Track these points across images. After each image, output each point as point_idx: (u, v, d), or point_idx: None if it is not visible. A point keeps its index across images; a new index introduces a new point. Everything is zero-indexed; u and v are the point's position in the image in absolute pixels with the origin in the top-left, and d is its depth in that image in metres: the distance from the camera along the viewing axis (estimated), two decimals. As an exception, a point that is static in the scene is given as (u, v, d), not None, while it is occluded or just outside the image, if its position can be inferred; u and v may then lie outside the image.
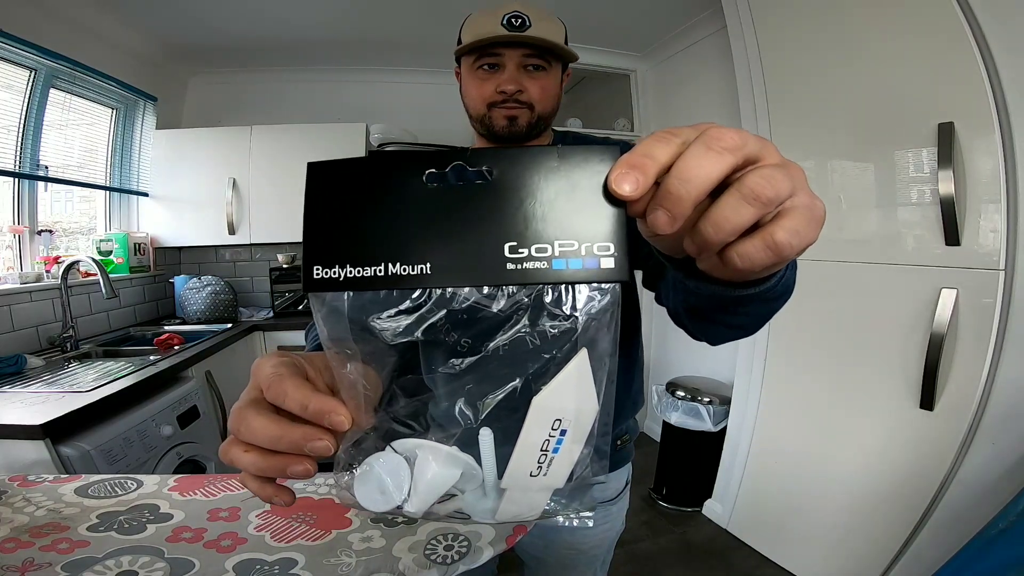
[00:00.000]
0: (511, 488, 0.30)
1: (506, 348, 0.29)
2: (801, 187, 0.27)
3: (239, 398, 0.34)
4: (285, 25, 2.39)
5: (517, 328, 0.28)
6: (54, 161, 2.06)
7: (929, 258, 1.37)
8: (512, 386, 0.29)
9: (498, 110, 0.75)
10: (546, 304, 0.26)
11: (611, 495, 0.86)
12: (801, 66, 1.68)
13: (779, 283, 0.39)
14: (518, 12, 0.71)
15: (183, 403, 1.60)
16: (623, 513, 0.91)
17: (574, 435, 0.28)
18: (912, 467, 1.41)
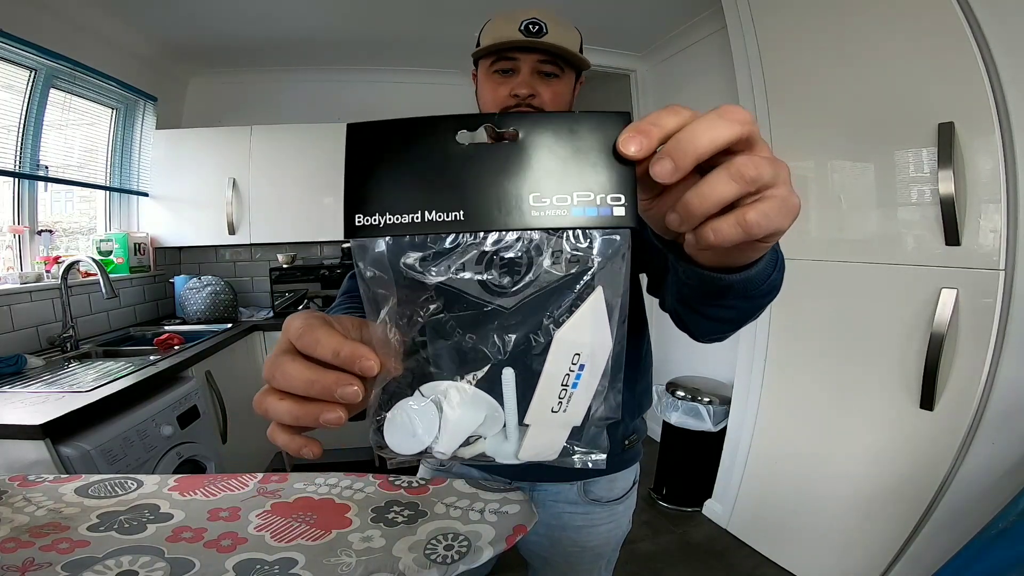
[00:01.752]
0: (533, 424, 0.32)
1: (528, 290, 0.31)
2: (783, 181, 0.29)
3: (271, 352, 0.35)
4: (285, 25, 2.39)
5: (538, 271, 0.30)
6: (54, 161, 2.06)
7: (929, 258, 1.37)
8: (534, 323, 0.31)
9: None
10: (565, 247, 0.29)
11: (618, 494, 0.86)
12: (801, 66, 1.68)
13: (763, 280, 0.42)
14: (536, 19, 0.73)
15: (183, 403, 1.60)
16: (630, 512, 0.91)
17: (591, 370, 0.30)
18: (912, 467, 1.41)
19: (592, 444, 0.35)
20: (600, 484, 0.83)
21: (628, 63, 2.91)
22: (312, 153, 2.61)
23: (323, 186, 2.62)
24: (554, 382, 0.30)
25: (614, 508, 0.86)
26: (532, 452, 0.34)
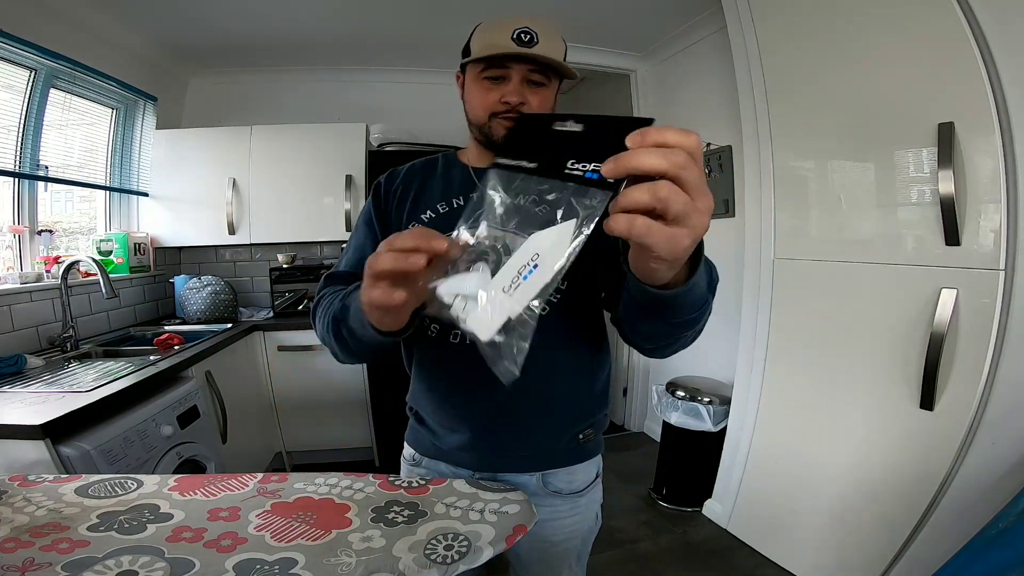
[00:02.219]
0: (487, 296, 0.42)
1: (545, 206, 0.43)
2: (689, 224, 0.39)
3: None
4: (285, 25, 2.39)
5: (558, 199, 0.42)
6: (54, 161, 2.06)
7: (929, 258, 1.37)
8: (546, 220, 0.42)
9: (499, 120, 0.79)
10: (573, 195, 0.41)
11: (578, 487, 0.88)
12: (801, 66, 1.68)
13: (689, 307, 0.54)
14: (528, 28, 0.76)
15: (183, 403, 1.60)
16: (595, 506, 0.93)
17: (541, 272, 0.40)
18: (912, 467, 1.41)
19: (512, 339, 0.43)
20: (559, 476, 0.86)
21: (628, 63, 2.91)
22: (312, 153, 2.61)
23: (323, 186, 2.62)
24: (513, 269, 0.41)
25: (576, 501, 0.88)
26: (475, 322, 0.42)
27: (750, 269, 1.97)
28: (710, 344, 2.55)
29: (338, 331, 0.68)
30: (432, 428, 0.87)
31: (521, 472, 0.84)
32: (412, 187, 0.87)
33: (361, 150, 2.63)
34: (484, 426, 0.81)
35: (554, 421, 0.83)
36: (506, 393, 0.66)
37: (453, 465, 0.87)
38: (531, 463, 0.84)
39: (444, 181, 0.87)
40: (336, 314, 0.68)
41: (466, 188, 0.85)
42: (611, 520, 2.13)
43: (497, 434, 0.82)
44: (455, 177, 0.87)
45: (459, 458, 0.86)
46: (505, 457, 0.83)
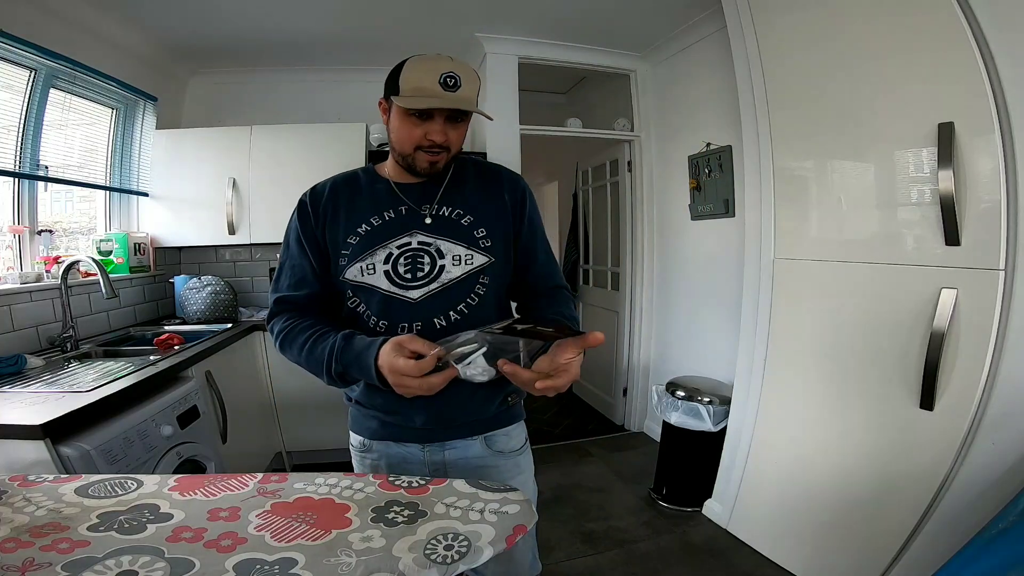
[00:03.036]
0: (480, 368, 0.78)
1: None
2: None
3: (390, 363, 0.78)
4: (285, 25, 2.39)
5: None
6: (54, 161, 2.06)
7: (929, 258, 1.37)
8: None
9: (423, 153, 0.89)
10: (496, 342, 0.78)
11: (515, 446, 1.02)
12: (801, 66, 1.68)
13: None
14: (452, 73, 0.84)
15: (183, 403, 1.60)
16: (531, 470, 1.06)
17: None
18: (912, 467, 1.41)
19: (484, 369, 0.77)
20: (498, 438, 0.99)
21: (628, 63, 2.91)
22: (312, 153, 2.61)
23: (323, 186, 2.62)
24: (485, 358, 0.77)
25: (516, 459, 1.02)
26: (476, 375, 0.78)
27: (750, 269, 1.97)
28: (710, 344, 2.56)
29: (342, 379, 0.88)
30: (380, 414, 0.96)
31: (466, 437, 0.97)
32: (341, 204, 0.95)
33: (361, 150, 2.63)
34: (433, 403, 0.90)
35: (487, 388, 0.93)
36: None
37: (403, 443, 0.97)
38: (473, 428, 0.97)
39: (371, 196, 0.95)
40: (337, 372, 0.86)
41: (393, 202, 0.94)
42: (611, 520, 2.13)
43: (444, 407, 0.92)
44: (381, 193, 0.95)
45: (410, 435, 0.96)
46: (451, 427, 0.96)
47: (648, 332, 3.08)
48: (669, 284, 2.92)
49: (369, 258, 0.90)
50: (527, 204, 1.00)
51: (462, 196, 0.95)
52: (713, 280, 2.53)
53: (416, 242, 0.91)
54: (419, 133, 0.87)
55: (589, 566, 1.84)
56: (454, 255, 0.91)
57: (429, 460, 0.97)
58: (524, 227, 0.99)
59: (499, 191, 0.98)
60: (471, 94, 0.86)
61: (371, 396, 0.95)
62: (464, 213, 0.93)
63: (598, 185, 3.44)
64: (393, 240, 0.91)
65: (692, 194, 2.60)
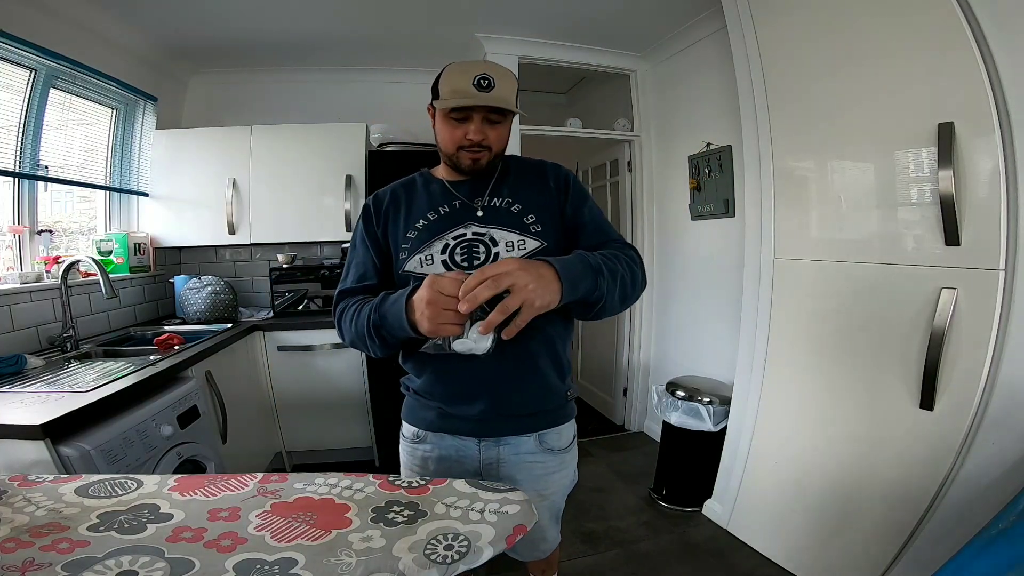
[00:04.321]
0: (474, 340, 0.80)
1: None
2: (516, 290, 0.76)
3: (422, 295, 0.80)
4: (285, 25, 2.39)
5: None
6: (54, 161, 2.06)
7: (929, 258, 1.36)
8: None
9: (465, 152, 0.95)
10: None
11: (564, 444, 1.06)
12: (801, 66, 1.68)
13: (587, 301, 0.87)
14: (486, 74, 0.90)
15: (183, 403, 1.60)
16: (575, 463, 1.11)
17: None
18: (912, 467, 1.41)
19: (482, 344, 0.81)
20: (550, 435, 1.03)
21: (628, 63, 2.91)
22: (312, 153, 2.61)
23: (323, 186, 2.62)
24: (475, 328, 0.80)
25: (563, 456, 1.06)
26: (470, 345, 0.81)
27: (750, 269, 1.97)
28: (710, 344, 2.56)
29: (378, 333, 0.89)
30: (440, 404, 0.99)
31: (521, 434, 1.00)
32: (400, 204, 1.02)
33: (361, 150, 2.63)
34: (497, 391, 0.95)
35: (554, 375, 1.00)
36: (512, 362, 0.94)
37: (459, 435, 1.00)
38: (531, 424, 1.01)
39: (427, 195, 1.02)
40: (375, 323, 0.88)
41: (447, 198, 1.00)
42: (611, 520, 2.13)
43: (508, 396, 0.96)
44: (436, 191, 1.02)
45: (467, 428, 0.99)
46: (509, 418, 0.98)
47: (648, 332, 3.08)
48: (669, 284, 2.92)
49: (427, 250, 0.95)
50: (571, 185, 1.04)
51: (510, 187, 1.01)
52: (713, 280, 2.53)
53: (471, 233, 0.96)
54: (459, 133, 0.93)
55: (589, 566, 1.84)
56: (507, 241, 0.95)
57: (483, 455, 1.00)
58: (568, 204, 1.02)
59: (544, 179, 1.03)
60: (505, 93, 0.91)
61: (432, 384, 0.99)
62: (513, 202, 0.98)
63: (598, 185, 3.44)
64: (449, 232, 0.96)
65: (692, 194, 2.60)
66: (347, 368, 2.48)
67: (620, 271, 0.88)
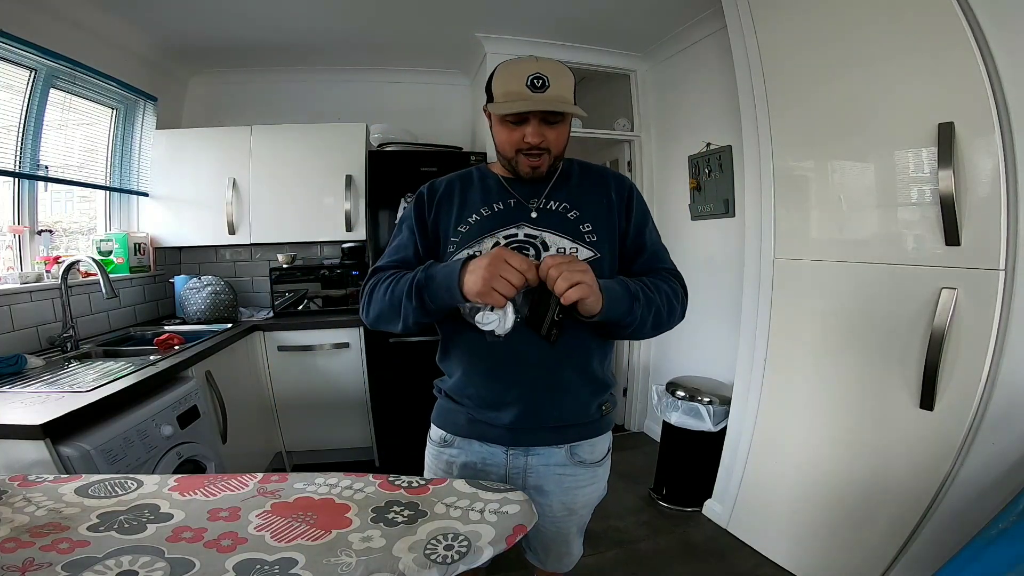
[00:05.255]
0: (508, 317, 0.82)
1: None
2: (588, 282, 0.79)
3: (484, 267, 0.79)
4: (285, 25, 2.39)
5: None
6: (54, 161, 2.06)
7: (929, 258, 1.37)
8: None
9: (524, 157, 0.91)
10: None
11: (598, 457, 1.01)
12: (801, 66, 1.68)
13: (620, 322, 0.86)
14: (540, 74, 0.85)
15: (183, 403, 1.60)
16: (606, 476, 1.05)
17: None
18: (912, 467, 1.41)
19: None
20: (583, 448, 0.99)
21: (628, 63, 2.91)
22: (312, 153, 2.61)
23: (323, 186, 2.62)
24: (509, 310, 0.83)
25: (595, 470, 1.01)
26: (503, 323, 0.83)
27: (750, 269, 1.97)
28: (710, 344, 2.56)
29: (419, 295, 0.86)
30: (471, 407, 0.97)
31: (552, 445, 0.96)
32: (455, 196, 0.99)
33: (361, 150, 2.63)
34: (530, 400, 0.92)
35: (587, 391, 0.96)
36: (549, 367, 0.91)
37: (488, 443, 0.97)
38: (562, 436, 0.97)
39: (483, 190, 0.98)
40: (420, 282, 0.86)
41: (503, 195, 0.96)
42: (611, 520, 2.13)
43: (540, 407, 0.93)
44: (492, 187, 0.98)
45: (496, 435, 0.96)
46: (540, 431, 0.95)
47: (648, 332, 3.08)
48: (669, 284, 2.92)
49: (477, 245, 0.92)
50: (634, 200, 1.00)
51: (569, 192, 0.97)
52: (713, 280, 2.53)
53: (523, 234, 0.93)
54: (517, 136, 0.89)
55: (589, 566, 1.84)
56: (559, 247, 0.92)
57: (511, 464, 0.97)
58: (632, 223, 0.99)
59: (606, 189, 0.99)
60: (562, 91, 0.87)
61: (465, 386, 0.96)
62: (570, 207, 0.95)
63: (598, 185, 3.44)
64: (500, 230, 0.93)
65: (692, 194, 2.60)
66: (347, 368, 2.48)
67: (657, 303, 0.89)
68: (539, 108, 0.85)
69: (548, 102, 0.85)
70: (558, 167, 0.98)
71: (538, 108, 0.85)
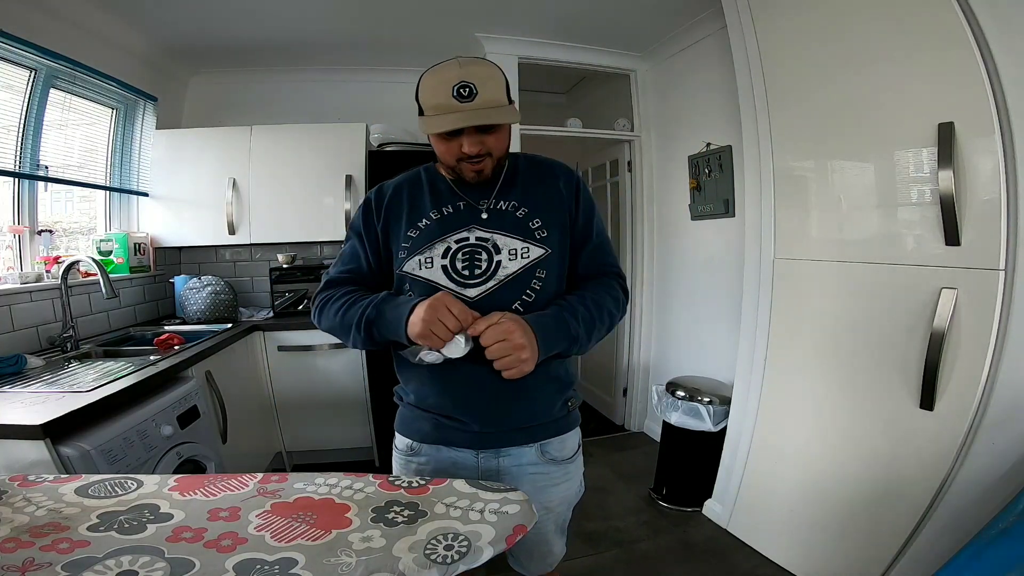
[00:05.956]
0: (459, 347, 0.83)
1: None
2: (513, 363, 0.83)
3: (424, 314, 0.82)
4: (285, 25, 2.39)
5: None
6: (54, 161, 2.06)
7: (929, 258, 1.36)
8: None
9: (466, 164, 0.89)
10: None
11: (568, 454, 1.01)
12: (801, 66, 1.68)
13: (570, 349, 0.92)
14: (466, 82, 0.81)
15: (183, 403, 1.60)
16: (580, 472, 1.06)
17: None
18: (912, 467, 1.41)
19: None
20: (553, 445, 0.99)
21: (628, 63, 2.91)
22: (312, 153, 2.61)
23: (323, 186, 2.62)
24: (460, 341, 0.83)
25: (567, 467, 1.01)
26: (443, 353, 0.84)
27: (750, 269, 1.97)
28: (710, 344, 2.56)
29: (368, 327, 0.89)
30: (437, 416, 0.96)
31: (522, 445, 0.96)
32: (403, 200, 0.98)
33: (361, 150, 2.63)
34: (495, 405, 0.92)
35: (551, 388, 0.97)
36: (506, 379, 0.88)
37: (456, 447, 0.96)
38: (531, 435, 0.97)
39: (432, 192, 0.97)
40: (369, 317, 0.89)
41: (453, 198, 0.96)
42: (611, 520, 2.13)
43: (505, 410, 0.93)
44: (441, 189, 0.97)
45: (464, 439, 0.95)
46: (508, 432, 0.95)
47: (648, 332, 3.08)
48: (669, 284, 2.92)
49: (428, 251, 0.92)
50: (581, 191, 1.00)
51: (518, 190, 0.96)
52: (713, 280, 2.53)
53: (474, 237, 0.92)
54: (455, 148, 0.88)
55: (589, 566, 1.84)
56: (510, 249, 0.91)
57: (483, 467, 0.96)
58: (580, 213, 0.99)
59: (555, 182, 0.99)
60: (491, 95, 0.84)
61: (427, 396, 0.96)
62: (520, 205, 0.95)
63: (598, 185, 3.44)
64: (451, 235, 0.93)
65: (692, 194, 2.60)
66: (347, 368, 2.48)
67: (598, 328, 0.93)
68: (469, 123, 0.82)
69: (478, 115, 0.82)
70: (504, 166, 0.97)
71: (468, 123, 0.82)
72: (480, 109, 0.82)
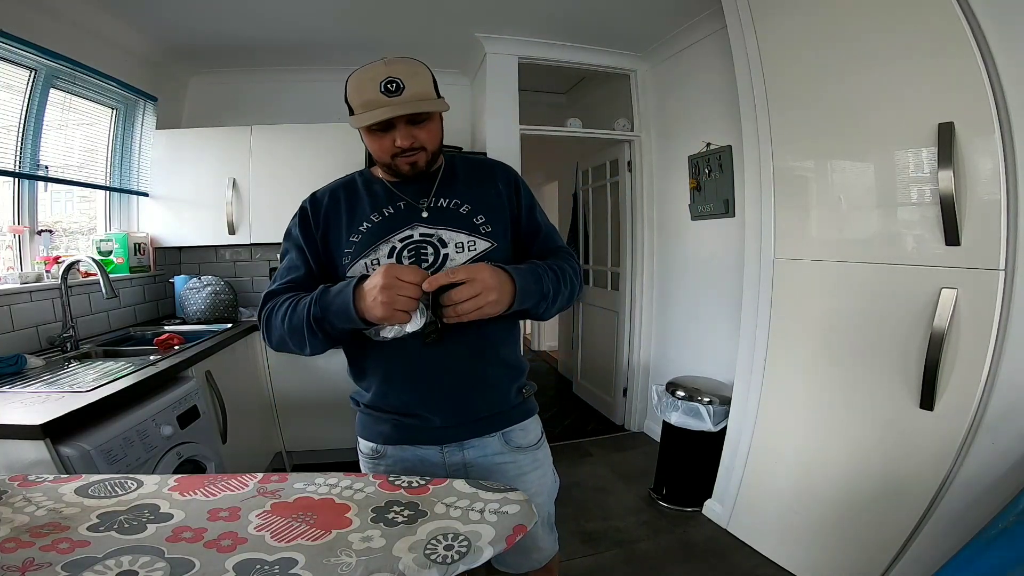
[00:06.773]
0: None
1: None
2: (482, 290, 0.82)
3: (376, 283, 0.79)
4: (285, 25, 2.39)
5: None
6: (54, 161, 2.06)
7: (929, 258, 1.36)
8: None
9: (400, 159, 0.90)
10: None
11: (533, 440, 1.03)
12: (801, 66, 1.68)
13: (534, 306, 0.91)
14: (392, 77, 0.83)
15: (183, 403, 1.60)
16: (550, 462, 1.07)
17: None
18: (912, 467, 1.41)
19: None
20: (515, 432, 1.00)
21: (628, 63, 2.91)
22: (312, 153, 2.61)
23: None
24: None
25: (535, 454, 1.03)
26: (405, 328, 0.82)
27: (750, 269, 1.97)
28: (710, 344, 2.56)
29: (319, 325, 0.85)
30: (396, 416, 0.96)
31: (484, 435, 0.97)
32: (341, 207, 0.97)
33: (361, 150, 2.62)
34: (453, 398, 0.93)
35: (504, 377, 0.98)
36: (463, 365, 0.93)
37: (421, 444, 0.97)
38: (491, 424, 0.98)
39: (369, 196, 0.97)
40: (315, 315, 0.84)
41: (391, 199, 0.95)
42: (611, 520, 2.13)
43: (464, 403, 0.94)
44: (378, 192, 0.97)
45: (427, 436, 0.96)
46: (469, 423, 0.96)
47: (648, 332, 3.08)
48: (669, 284, 2.92)
49: (373, 253, 0.91)
50: (521, 187, 1.03)
51: (457, 188, 0.97)
52: (713, 280, 2.53)
53: (418, 234, 0.92)
54: (388, 143, 0.88)
55: (589, 566, 1.84)
56: (456, 243, 0.92)
57: (448, 462, 0.97)
58: (523, 208, 1.01)
59: (493, 180, 1.00)
60: (419, 89, 0.85)
61: (382, 397, 0.95)
62: (461, 203, 0.95)
63: (598, 185, 3.44)
64: (395, 234, 0.92)
65: (692, 194, 2.60)
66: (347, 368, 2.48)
67: (563, 291, 0.94)
68: (398, 113, 0.83)
69: (406, 105, 0.83)
70: (439, 163, 0.98)
71: (397, 113, 0.83)
72: (408, 101, 0.84)
